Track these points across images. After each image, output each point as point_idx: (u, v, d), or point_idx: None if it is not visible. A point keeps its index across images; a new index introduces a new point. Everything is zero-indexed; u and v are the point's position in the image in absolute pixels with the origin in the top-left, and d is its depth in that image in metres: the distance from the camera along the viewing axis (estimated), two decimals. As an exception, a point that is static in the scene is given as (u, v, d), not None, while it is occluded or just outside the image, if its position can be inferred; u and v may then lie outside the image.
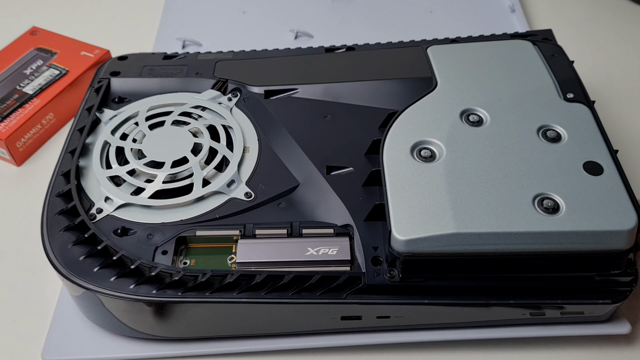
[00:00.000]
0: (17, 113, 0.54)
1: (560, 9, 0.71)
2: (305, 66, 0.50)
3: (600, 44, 0.66)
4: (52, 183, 0.42)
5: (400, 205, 0.36)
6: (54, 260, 0.37)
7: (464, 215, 0.35)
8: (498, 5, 0.70)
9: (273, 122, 0.45)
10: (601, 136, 0.39)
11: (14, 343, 0.42)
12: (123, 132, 0.45)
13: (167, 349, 0.40)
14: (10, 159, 0.55)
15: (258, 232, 0.39)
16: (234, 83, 0.48)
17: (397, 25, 0.68)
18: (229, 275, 0.36)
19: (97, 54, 0.60)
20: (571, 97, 0.42)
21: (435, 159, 0.39)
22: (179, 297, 0.36)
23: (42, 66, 0.59)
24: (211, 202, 0.40)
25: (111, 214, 0.40)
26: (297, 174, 0.42)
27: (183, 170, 0.42)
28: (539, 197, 0.36)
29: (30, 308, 0.44)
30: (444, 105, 0.42)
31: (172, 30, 0.68)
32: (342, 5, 0.71)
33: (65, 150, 0.44)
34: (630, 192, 0.36)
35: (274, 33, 0.67)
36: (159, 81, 0.49)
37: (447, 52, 0.48)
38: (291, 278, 0.36)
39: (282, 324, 0.38)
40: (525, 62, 0.46)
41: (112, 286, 0.36)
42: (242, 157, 0.43)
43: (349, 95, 0.46)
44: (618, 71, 0.62)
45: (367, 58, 0.50)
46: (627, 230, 0.34)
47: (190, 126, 0.45)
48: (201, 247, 0.39)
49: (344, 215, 0.39)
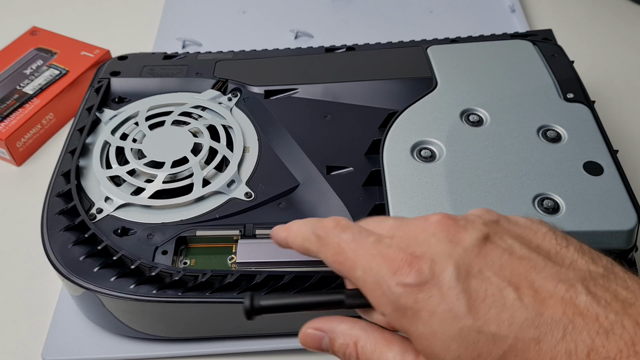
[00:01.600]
0: (17, 113, 0.54)
1: (560, 9, 0.71)
2: (305, 66, 0.50)
3: (600, 44, 0.66)
4: (52, 183, 0.42)
5: (400, 205, 0.36)
6: (54, 260, 0.37)
7: (464, 215, 0.35)
8: (498, 5, 0.70)
9: (273, 122, 0.45)
10: (601, 136, 0.39)
11: (14, 343, 0.42)
12: (123, 132, 0.45)
13: (167, 349, 0.40)
14: (10, 159, 0.55)
15: (258, 232, 0.39)
16: (234, 83, 0.48)
17: (397, 25, 0.68)
18: (229, 275, 0.36)
19: (97, 54, 0.60)
20: (571, 97, 0.42)
21: (435, 159, 0.39)
22: (179, 297, 0.36)
23: (42, 66, 0.59)
24: (211, 202, 0.40)
25: (111, 214, 0.40)
26: (297, 174, 0.42)
27: (183, 170, 0.42)
28: (539, 197, 0.36)
29: (30, 308, 0.44)
30: (444, 105, 0.42)
31: (172, 30, 0.68)
32: (342, 5, 0.71)
33: (65, 150, 0.44)
34: (630, 192, 0.36)
35: (274, 33, 0.67)
36: (159, 81, 0.49)
37: (447, 52, 0.48)
38: (291, 278, 0.36)
39: (282, 324, 0.38)
40: (525, 62, 0.46)
41: (112, 286, 0.36)
42: (242, 157, 0.43)
43: (349, 95, 0.46)
44: (618, 71, 0.62)
45: (367, 58, 0.50)
46: (627, 230, 0.34)
47: (190, 126, 0.45)
48: (201, 247, 0.39)
49: (344, 215, 0.39)
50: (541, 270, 0.24)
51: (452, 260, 0.24)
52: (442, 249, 0.25)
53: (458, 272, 0.24)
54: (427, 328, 0.24)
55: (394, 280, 0.25)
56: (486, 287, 0.23)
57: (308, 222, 0.29)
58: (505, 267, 0.24)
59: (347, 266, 0.27)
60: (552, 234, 0.26)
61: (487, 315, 0.23)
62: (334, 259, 0.27)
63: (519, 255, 0.25)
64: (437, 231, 0.26)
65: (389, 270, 0.25)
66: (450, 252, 0.25)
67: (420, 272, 0.24)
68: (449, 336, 0.23)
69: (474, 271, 0.24)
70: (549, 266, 0.24)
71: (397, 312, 0.25)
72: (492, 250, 0.25)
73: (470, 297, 0.23)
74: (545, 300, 0.23)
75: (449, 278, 0.24)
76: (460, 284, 0.24)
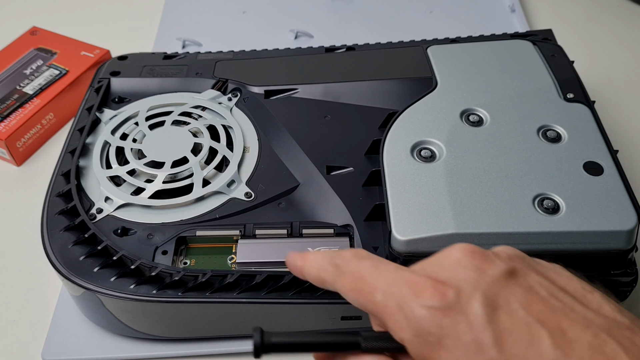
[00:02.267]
0: (17, 113, 0.54)
1: (560, 9, 0.71)
2: (305, 66, 0.50)
3: (600, 44, 0.66)
4: (52, 183, 0.42)
5: (400, 205, 0.36)
6: (54, 260, 0.37)
7: (464, 216, 0.35)
8: (498, 5, 0.70)
9: (273, 122, 0.45)
10: (601, 136, 0.39)
11: (14, 343, 0.42)
12: (123, 132, 0.45)
13: (167, 349, 0.40)
14: (10, 159, 0.55)
15: (258, 232, 0.39)
16: (234, 83, 0.48)
17: (397, 25, 0.68)
18: (229, 275, 0.36)
19: (97, 54, 0.60)
20: (571, 97, 0.42)
21: (435, 159, 0.38)
22: (179, 297, 0.36)
23: (42, 66, 0.59)
24: (211, 202, 0.40)
25: (111, 214, 0.40)
26: (297, 174, 0.42)
27: (183, 170, 0.42)
28: (539, 197, 0.36)
29: (30, 308, 0.44)
30: (444, 105, 0.42)
31: (172, 30, 0.68)
32: (342, 5, 0.71)
33: (65, 150, 0.44)
34: (630, 192, 0.36)
35: (274, 33, 0.67)
36: (159, 81, 0.49)
37: (447, 52, 0.48)
38: (291, 278, 0.36)
39: (282, 324, 0.38)
40: (525, 62, 0.46)
41: (112, 286, 0.36)
42: (242, 157, 0.43)
43: (349, 95, 0.46)
44: (618, 71, 0.62)
45: (367, 58, 0.50)
46: (627, 230, 0.34)
47: (190, 126, 0.45)
48: (201, 247, 0.39)
49: (344, 215, 0.39)
50: (569, 312, 0.23)
51: (480, 289, 0.23)
52: (469, 276, 0.24)
53: (486, 302, 0.23)
54: (451, 356, 0.23)
55: (417, 303, 0.23)
56: (514, 321, 0.23)
57: (326, 253, 0.28)
58: (533, 304, 0.23)
59: (366, 292, 0.25)
60: (577, 278, 0.26)
61: (514, 350, 0.22)
62: (353, 287, 0.26)
63: (547, 294, 0.24)
64: (462, 258, 0.25)
65: (412, 292, 0.24)
66: (477, 280, 0.24)
67: (445, 295, 0.23)
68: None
69: (501, 303, 0.23)
70: (577, 309, 0.23)
71: (419, 338, 0.24)
72: (520, 284, 0.24)
73: (497, 329, 0.23)
74: (573, 343, 0.22)
75: (476, 306, 0.23)
76: (488, 314, 0.23)
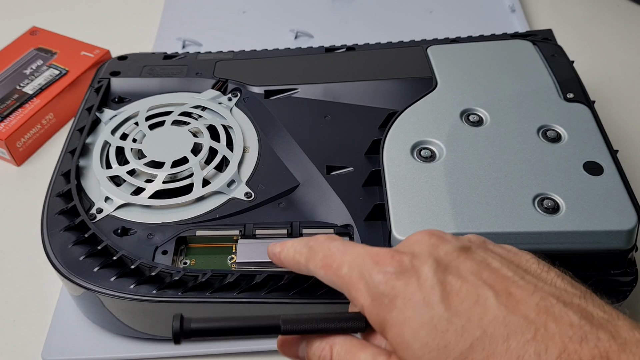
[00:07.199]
0: (17, 113, 0.54)
1: (560, 9, 0.71)
2: (305, 66, 0.50)
3: (600, 44, 0.66)
4: (52, 183, 0.42)
5: (400, 205, 0.36)
6: (54, 260, 0.37)
7: (464, 216, 0.35)
8: (498, 5, 0.70)
9: (273, 122, 0.45)
10: (601, 136, 0.39)
11: (14, 343, 0.42)
12: (123, 132, 0.45)
13: (167, 349, 0.40)
14: (10, 159, 0.55)
15: (258, 232, 0.39)
16: (234, 83, 0.48)
17: (397, 25, 0.68)
18: (229, 275, 0.36)
19: (97, 54, 0.60)
20: (571, 97, 0.42)
21: (435, 159, 0.38)
22: (179, 297, 0.36)
23: (42, 66, 0.59)
24: (211, 202, 0.40)
25: (111, 214, 0.40)
26: (297, 174, 0.42)
27: (183, 170, 0.42)
28: (539, 197, 0.36)
29: (30, 308, 0.44)
30: (444, 105, 0.42)
31: (172, 30, 0.68)
32: (342, 5, 0.71)
33: (65, 150, 0.44)
34: (630, 192, 0.36)
35: (274, 33, 0.67)
36: (159, 81, 0.49)
37: (447, 52, 0.48)
38: (291, 278, 0.36)
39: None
40: (525, 62, 0.46)
41: (112, 286, 0.36)
42: (242, 157, 0.43)
43: (349, 95, 0.46)
44: (618, 71, 0.62)
45: (367, 58, 0.50)
46: (627, 230, 0.34)
47: (190, 126, 0.45)
48: (201, 247, 0.39)
49: (344, 215, 0.39)
50: (518, 280, 0.25)
51: (433, 256, 0.26)
52: (424, 249, 0.27)
53: (436, 266, 0.25)
54: (401, 315, 0.25)
55: (375, 270, 0.26)
56: (461, 283, 0.25)
57: (302, 238, 0.31)
58: (483, 272, 0.25)
59: (334, 267, 0.28)
60: (535, 261, 0.27)
61: (459, 307, 0.24)
62: (323, 263, 0.28)
63: (499, 265, 0.26)
64: (421, 237, 0.28)
65: (372, 262, 0.26)
66: (431, 251, 0.26)
67: (400, 262, 0.26)
68: (420, 323, 0.24)
69: (451, 268, 0.25)
70: (527, 278, 0.25)
71: (375, 302, 0.26)
72: (473, 258, 0.26)
73: (444, 289, 0.24)
74: (519, 303, 0.24)
75: (427, 270, 0.25)
76: (437, 277, 0.25)
